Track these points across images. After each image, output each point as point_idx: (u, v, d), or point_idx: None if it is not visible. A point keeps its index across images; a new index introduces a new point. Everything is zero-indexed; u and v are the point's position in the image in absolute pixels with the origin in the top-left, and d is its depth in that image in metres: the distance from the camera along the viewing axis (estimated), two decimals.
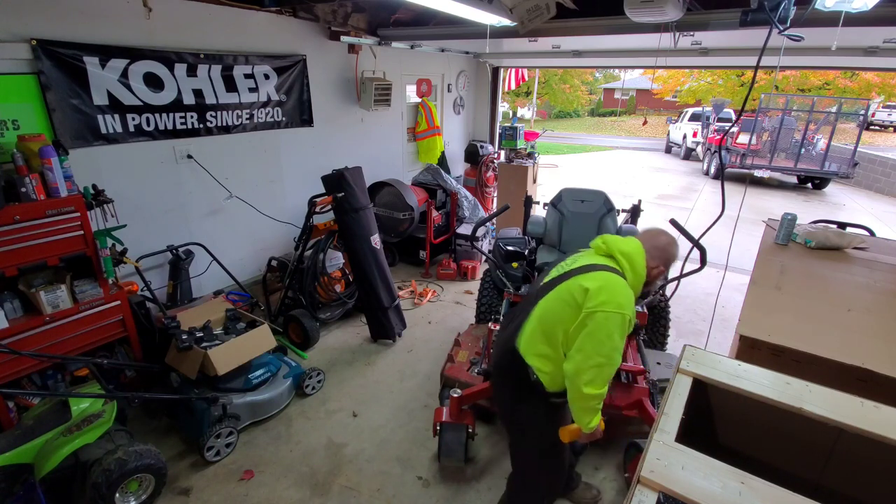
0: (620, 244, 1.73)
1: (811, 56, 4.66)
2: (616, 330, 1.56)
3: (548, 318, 1.72)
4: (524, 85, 18.53)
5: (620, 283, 1.62)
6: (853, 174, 10.62)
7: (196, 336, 2.86)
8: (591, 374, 1.57)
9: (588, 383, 1.58)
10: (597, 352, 1.56)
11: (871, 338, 1.93)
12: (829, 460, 1.42)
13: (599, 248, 1.76)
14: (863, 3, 2.24)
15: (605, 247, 1.74)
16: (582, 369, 1.58)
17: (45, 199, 2.51)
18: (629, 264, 1.68)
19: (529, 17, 3.28)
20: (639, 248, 1.72)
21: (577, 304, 1.62)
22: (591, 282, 1.61)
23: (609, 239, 1.76)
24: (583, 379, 1.58)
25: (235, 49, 3.95)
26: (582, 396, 1.60)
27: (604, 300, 1.56)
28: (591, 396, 1.60)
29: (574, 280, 1.67)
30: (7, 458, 2.15)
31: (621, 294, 1.58)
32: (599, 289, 1.58)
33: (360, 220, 3.89)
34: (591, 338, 1.57)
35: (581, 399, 1.61)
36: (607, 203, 3.71)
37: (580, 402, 1.62)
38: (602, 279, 1.61)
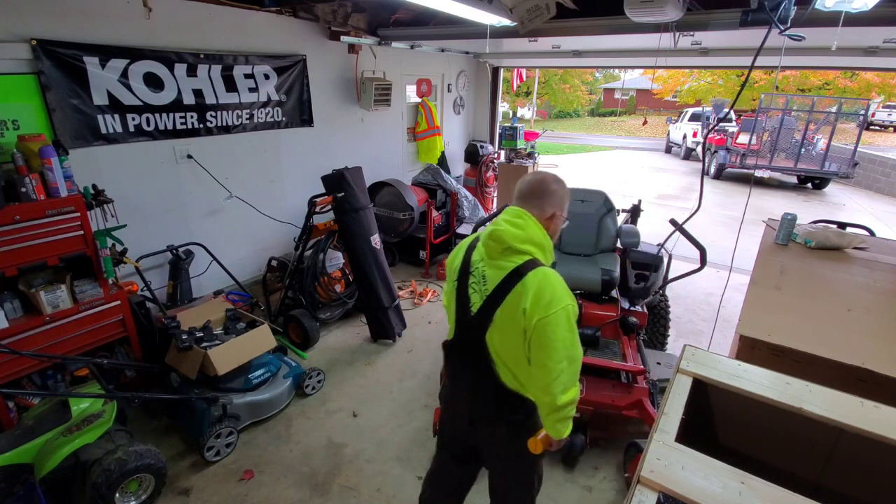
0: (507, 230, 1.50)
1: (811, 56, 4.66)
2: (563, 327, 1.43)
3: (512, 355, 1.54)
4: (524, 85, 18.56)
5: (541, 276, 1.44)
6: (853, 174, 10.62)
7: (196, 336, 2.86)
8: (561, 381, 1.45)
9: (562, 392, 1.46)
10: (557, 359, 1.43)
11: (871, 338, 1.93)
12: (829, 460, 1.42)
13: (493, 249, 1.52)
14: (863, 3, 2.23)
15: (497, 245, 1.51)
16: (550, 382, 1.45)
17: (45, 199, 2.51)
18: (529, 240, 1.50)
19: (529, 17, 3.28)
20: (523, 216, 1.53)
21: (523, 329, 1.46)
22: (523, 300, 1.44)
23: (494, 235, 1.52)
24: (555, 390, 1.45)
25: (235, 49, 3.95)
26: (558, 408, 1.47)
27: (541, 308, 1.41)
28: (567, 404, 1.48)
29: (506, 308, 1.48)
30: (7, 458, 2.15)
31: (549, 286, 1.43)
32: (532, 301, 1.42)
33: (360, 220, 3.89)
34: (545, 349, 1.43)
35: (557, 411, 1.48)
36: (607, 203, 3.73)
37: (557, 413, 1.49)
38: (529, 288, 1.43)
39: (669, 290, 4.31)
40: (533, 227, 1.52)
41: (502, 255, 1.51)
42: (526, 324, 1.44)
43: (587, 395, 2.75)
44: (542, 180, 1.59)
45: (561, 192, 1.59)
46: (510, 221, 1.53)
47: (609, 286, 3.27)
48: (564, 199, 1.61)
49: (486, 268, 1.54)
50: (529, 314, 1.43)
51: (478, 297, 1.55)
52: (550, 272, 1.47)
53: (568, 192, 1.63)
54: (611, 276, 3.25)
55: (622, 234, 3.59)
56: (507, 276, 1.48)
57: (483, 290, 1.54)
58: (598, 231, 3.66)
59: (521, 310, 1.44)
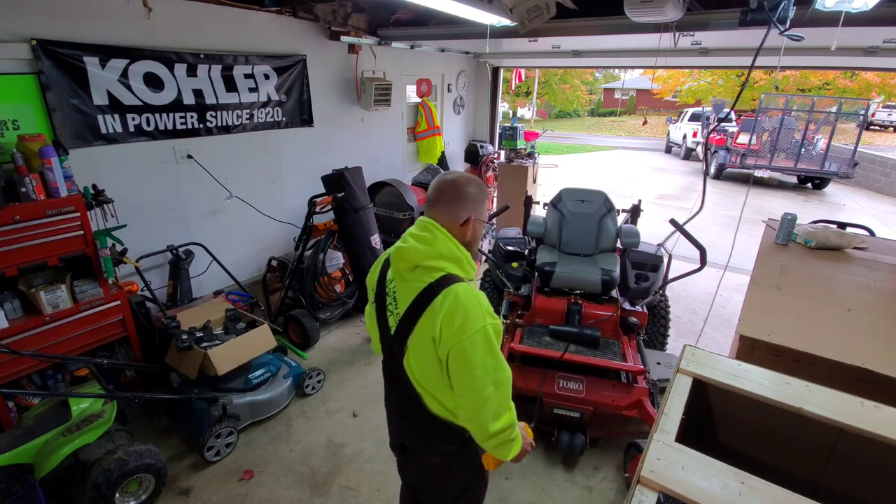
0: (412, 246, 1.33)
1: (811, 56, 4.66)
2: (481, 351, 1.25)
3: (433, 383, 1.38)
4: (524, 85, 18.56)
5: (451, 298, 1.27)
6: (853, 174, 10.63)
7: (196, 336, 2.86)
8: (490, 408, 1.29)
9: (493, 420, 1.30)
10: (480, 387, 1.26)
11: (871, 338, 1.93)
12: (829, 460, 1.42)
13: (401, 268, 1.37)
14: (863, 3, 2.23)
15: (405, 263, 1.35)
16: (476, 412, 1.29)
17: (45, 199, 2.51)
18: (439, 256, 1.32)
19: (529, 17, 3.28)
20: (431, 227, 1.36)
21: (438, 359, 1.31)
22: (433, 328, 1.28)
23: (399, 253, 1.37)
24: (484, 419, 1.29)
25: (235, 49, 3.95)
26: (492, 435, 1.31)
27: (453, 334, 1.24)
28: (501, 430, 1.32)
29: (418, 335, 1.32)
30: (7, 458, 2.15)
31: (460, 308, 1.25)
32: (442, 326, 1.26)
33: (360, 220, 3.89)
34: (466, 378, 1.27)
35: (492, 438, 1.32)
36: (607, 203, 3.73)
37: (493, 441, 1.33)
38: (438, 315, 1.27)
39: (669, 289, 4.31)
40: (442, 240, 1.34)
41: (412, 273, 1.34)
42: (440, 352, 1.28)
43: (587, 394, 2.75)
44: (452, 182, 1.40)
45: (475, 194, 1.40)
46: (416, 236, 1.36)
47: (609, 286, 3.27)
48: (480, 202, 1.42)
49: (398, 288, 1.39)
50: (441, 342, 1.27)
51: (393, 321, 1.40)
52: (463, 290, 1.29)
53: (485, 192, 1.45)
54: (611, 276, 3.25)
55: (622, 234, 3.59)
56: (416, 297, 1.32)
57: (396, 314, 1.38)
58: (598, 231, 3.66)
59: (430, 338, 1.29)
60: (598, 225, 3.67)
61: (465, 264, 1.37)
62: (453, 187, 1.39)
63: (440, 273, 1.32)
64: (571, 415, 2.75)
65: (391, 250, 1.44)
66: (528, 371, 2.91)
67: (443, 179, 1.43)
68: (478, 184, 1.43)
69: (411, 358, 1.37)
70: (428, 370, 1.36)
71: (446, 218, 1.37)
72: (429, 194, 1.43)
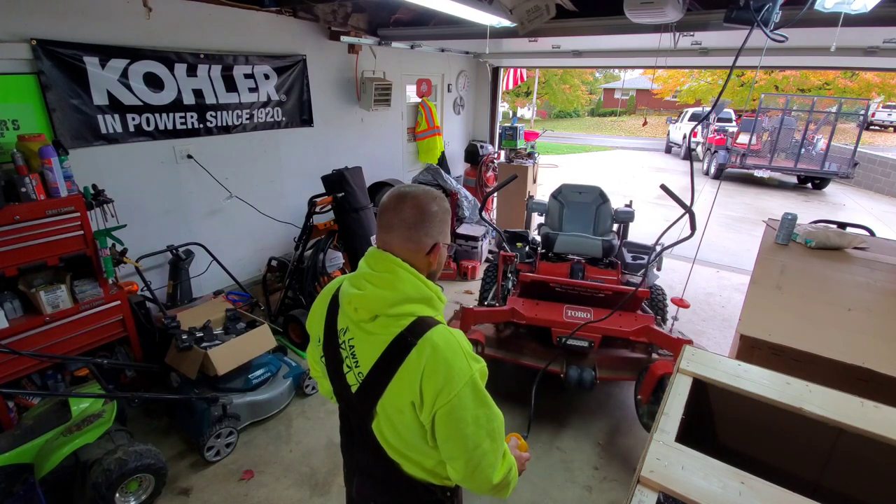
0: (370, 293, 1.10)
1: (811, 56, 4.66)
2: (471, 405, 1.07)
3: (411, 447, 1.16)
4: (524, 85, 18.56)
5: (428, 352, 1.05)
6: (853, 174, 10.63)
7: (196, 336, 2.86)
8: (487, 463, 1.11)
9: (492, 474, 1.13)
10: (473, 445, 1.08)
11: (871, 337, 1.93)
12: (829, 460, 1.42)
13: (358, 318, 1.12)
14: (862, 4, 2.24)
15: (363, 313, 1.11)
16: (473, 469, 1.11)
17: (45, 199, 2.51)
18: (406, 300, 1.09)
19: (529, 17, 3.28)
20: (391, 266, 1.11)
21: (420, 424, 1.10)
22: (410, 392, 1.06)
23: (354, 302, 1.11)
24: (484, 475, 1.12)
25: (235, 49, 3.95)
26: (493, 488, 1.16)
27: (436, 395, 1.04)
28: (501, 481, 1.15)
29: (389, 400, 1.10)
30: (7, 458, 2.15)
31: (441, 361, 1.04)
32: (424, 389, 1.05)
33: (360, 220, 3.89)
34: (455, 440, 1.08)
35: (496, 489, 1.16)
36: (602, 196, 4.10)
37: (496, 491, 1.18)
38: (414, 377, 1.05)
39: (669, 290, 4.32)
40: (407, 279, 1.10)
41: (372, 324, 1.10)
42: (422, 418, 1.08)
43: (594, 321, 2.88)
44: (411, 201, 1.12)
45: (440, 212, 1.16)
46: (373, 277, 1.11)
47: (609, 251, 3.63)
48: (445, 222, 1.18)
49: (355, 340, 1.14)
50: (423, 407, 1.07)
51: (353, 378, 1.15)
52: (440, 337, 1.07)
53: (448, 209, 1.21)
54: (610, 243, 3.63)
55: (618, 212, 4.01)
56: (384, 353, 1.08)
57: (357, 372, 1.13)
58: (596, 217, 4.05)
59: (409, 403, 1.08)
60: (595, 213, 4.06)
61: (436, 300, 1.14)
62: (414, 207, 1.11)
63: (409, 318, 1.08)
64: (580, 344, 2.83)
65: (338, 291, 1.20)
66: (536, 304, 3.14)
67: (397, 196, 1.13)
68: (440, 199, 1.17)
69: (383, 424, 1.14)
70: (406, 435, 1.13)
71: (408, 246, 1.12)
72: (380, 217, 1.15)
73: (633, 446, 2.90)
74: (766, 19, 2.15)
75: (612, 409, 3.24)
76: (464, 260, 5.36)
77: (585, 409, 3.21)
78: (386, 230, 1.14)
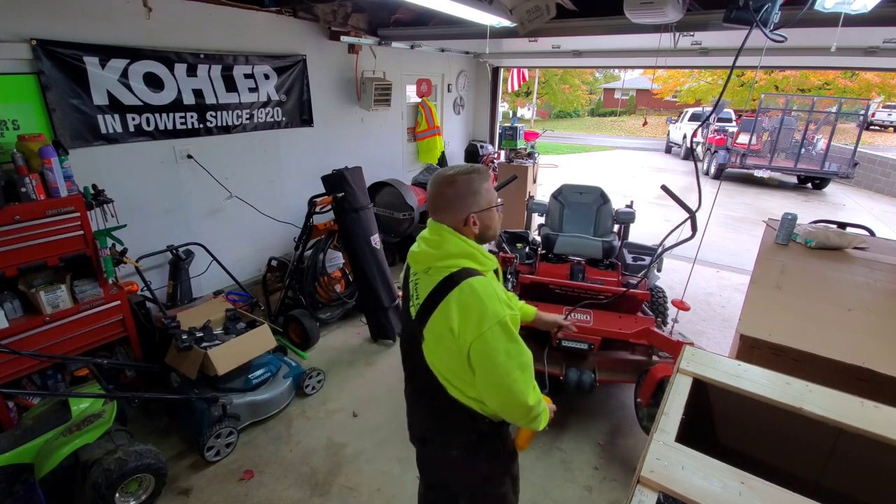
0: (423, 251, 1.40)
1: (811, 56, 4.66)
2: (502, 341, 1.29)
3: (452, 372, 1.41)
4: (524, 85, 18.57)
5: (466, 291, 1.30)
6: (853, 174, 10.62)
7: (196, 336, 2.86)
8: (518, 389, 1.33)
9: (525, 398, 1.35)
10: (505, 373, 1.30)
11: (871, 337, 1.93)
12: (829, 460, 1.42)
13: (418, 266, 1.43)
14: (862, 4, 2.24)
15: (419, 265, 1.42)
16: (507, 395, 1.33)
17: (45, 199, 2.51)
18: (450, 256, 1.36)
19: (529, 17, 3.28)
20: (439, 231, 1.39)
21: (458, 350, 1.33)
22: (449, 320, 1.31)
23: (413, 256, 1.44)
24: (517, 400, 1.34)
25: (235, 49, 3.95)
26: (527, 412, 1.37)
27: (472, 328, 1.28)
28: (536, 403, 1.37)
29: (433, 326, 1.36)
30: (7, 458, 2.15)
31: (476, 301, 1.28)
32: (459, 320, 1.29)
33: (360, 220, 3.89)
34: (491, 369, 1.31)
35: (527, 415, 1.38)
36: (603, 196, 4.08)
37: (528, 417, 1.39)
38: (453, 307, 1.30)
39: (669, 290, 4.32)
40: (451, 240, 1.37)
41: (427, 274, 1.39)
42: (459, 346, 1.32)
43: (595, 324, 2.89)
44: (440, 185, 1.40)
45: (466, 190, 1.37)
46: (427, 240, 1.41)
47: (609, 252, 3.62)
48: (475, 194, 1.39)
49: (419, 281, 1.43)
50: (459, 336, 1.30)
51: (413, 309, 1.44)
52: (479, 283, 1.31)
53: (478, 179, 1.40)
54: (610, 244, 3.62)
55: (619, 213, 3.97)
56: (433, 290, 1.35)
57: (416, 303, 1.42)
58: (596, 218, 4.03)
59: (448, 330, 1.31)
60: (595, 213, 4.04)
61: (480, 257, 1.39)
62: (442, 191, 1.39)
63: (455, 268, 1.35)
64: (579, 346, 2.82)
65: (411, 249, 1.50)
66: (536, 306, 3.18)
67: (432, 183, 1.43)
68: (466, 178, 1.38)
69: (429, 347, 1.40)
70: (446, 359, 1.39)
71: (448, 220, 1.40)
72: (427, 200, 1.46)
73: (633, 447, 2.90)
74: (766, 19, 2.15)
75: (612, 409, 3.24)
76: None
77: (586, 410, 3.21)
78: (432, 211, 1.44)
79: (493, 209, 1.43)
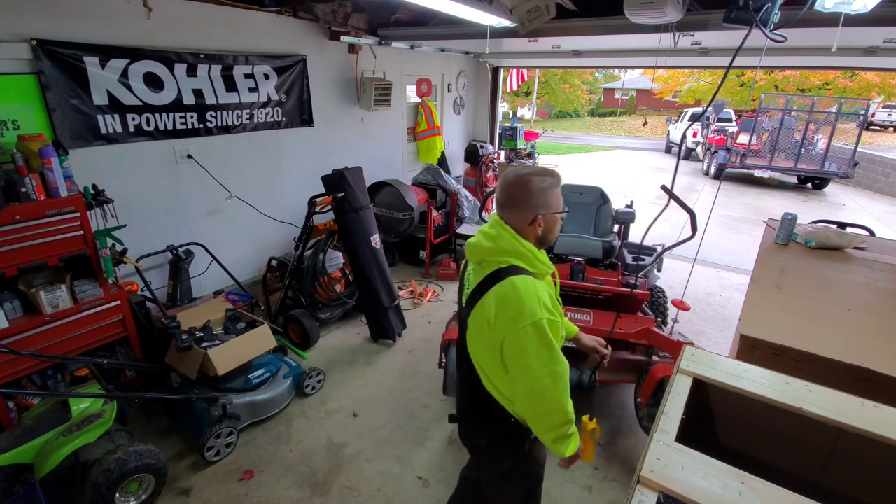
0: (479, 242, 1.45)
1: (811, 56, 4.66)
2: (534, 343, 1.31)
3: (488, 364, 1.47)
4: (524, 85, 18.58)
5: (508, 287, 1.34)
6: (853, 174, 10.62)
7: (196, 336, 2.86)
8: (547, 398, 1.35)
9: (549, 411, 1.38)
10: (535, 377, 1.33)
11: (871, 337, 1.93)
12: (829, 460, 1.42)
13: (472, 260, 1.50)
14: (862, 4, 2.24)
15: (473, 256, 1.47)
16: (533, 399, 1.36)
17: (45, 199, 2.51)
18: (501, 252, 1.41)
19: (529, 17, 3.28)
20: (497, 226, 1.43)
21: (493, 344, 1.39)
22: (487, 311, 1.36)
23: (469, 247, 1.49)
24: (540, 408, 1.38)
25: (235, 49, 3.95)
26: (549, 428, 1.40)
27: (504, 323, 1.32)
28: (559, 424, 1.40)
29: (475, 317, 1.42)
30: (7, 458, 2.15)
31: (516, 298, 1.31)
32: (496, 313, 1.34)
33: (360, 220, 3.89)
34: (521, 367, 1.34)
35: (549, 431, 1.40)
36: (603, 196, 4.10)
37: (550, 434, 1.41)
38: (492, 299, 1.36)
39: (669, 290, 4.32)
40: (506, 238, 1.40)
41: (479, 265, 1.45)
42: (493, 340, 1.36)
43: (595, 324, 2.91)
44: (512, 184, 1.43)
45: (535, 193, 1.40)
46: (485, 233, 1.45)
47: (609, 252, 3.62)
48: (545, 197, 1.41)
49: (473, 270, 1.50)
50: (495, 328, 1.34)
51: (464, 298, 1.53)
52: (521, 282, 1.33)
53: (550, 184, 1.43)
54: (610, 244, 3.63)
55: (619, 213, 3.97)
56: (480, 282, 1.41)
57: (467, 291, 1.50)
58: (596, 218, 4.04)
59: (485, 321, 1.37)
60: (595, 213, 4.05)
61: (531, 259, 1.41)
62: (514, 190, 1.42)
63: (505, 264, 1.39)
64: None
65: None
66: None
67: (505, 180, 1.45)
68: (539, 180, 1.41)
69: (471, 336, 1.48)
70: (484, 352, 1.44)
71: (512, 220, 1.43)
72: (496, 195, 1.49)
73: (633, 446, 2.90)
74: (766, 19, 2.15)
75: (612, 409, 3.24)
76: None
77: (586, 410, 3.21)
78: (500, 207, 1.47)
79: (557, 216, 1.46)
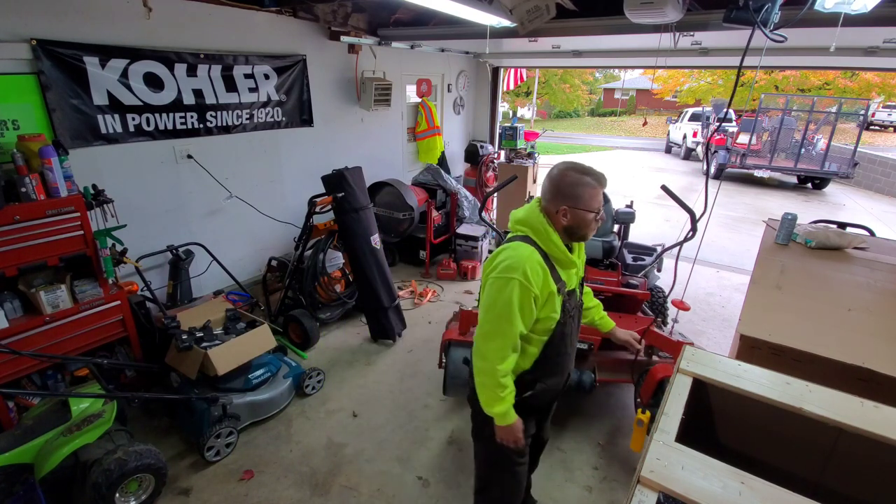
0: (516, 214, 1.67)
1: (811, 56, 4.66)
2: (500, 294, 1.47)
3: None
4: (524, 85, 18.57)
5: (513, 250, 1.52)
6: (853, 174, 10.62)
7: (196, 336, 2.86)
8: (480, 342, 1.54)
9: (477, 353, 1.55)
10: (485, 319, 1.52)
11: (871, 337, 1.93)
12: (829, 460, 1.42)
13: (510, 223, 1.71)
14: (862, 4, 2.24)
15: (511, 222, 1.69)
16: (476, 337, 1.57)
17: (45, 199, 2.51)
18: (523, 222, 1.61)
19: (529, 17, 3.28)
20: (530, 207, 1.63)
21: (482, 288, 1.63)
22: (490, 261, 1.58)
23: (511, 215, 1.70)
24: (476, 349, 1.56)
25: (235, 49, 3.95)
26: (477, 371, 1.57)
27: (491, 268, 1.54)
28: (479, 369, 1.56)
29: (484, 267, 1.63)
30: (7, 458, 2.15)
31: (512, 256, 1.49)
32: (488, 262, 1.58)
33: (360, 220, 3.89)
34: (481, 310, 1.55)
35: (477, 374, 1.58)
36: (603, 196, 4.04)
37: (477, 378, 1.59)
38: (496, 253, 1.57)
39: (669, 290, 4.32)
40: (533, 213, 1.59)
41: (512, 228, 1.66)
42: (483, 285, 1.60)
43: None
44: (550, 173, 1.63)
45: (566, 185, 1.55)
46: (524, 207, 1.66)
47: (609, 252, 3.66)
48: (572, 192, 1.54)
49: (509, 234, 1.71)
50: (485, 275, 1.58)
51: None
52: (521, 247, 1.53)
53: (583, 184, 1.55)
54: (611, 244, 3.67)
55: (619, 213, 3.97)
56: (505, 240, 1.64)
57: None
58: None
59: (486, 270, 1.59)
60: None
61: (542, 232, 1.56)
62: (552, 177, 1.60)
63: (521, 232, 1.60)
64: (579, 346, 2.83)
65: None
66: None
67: (553, 168, 1.64)
68: (576, 176, 1.55)
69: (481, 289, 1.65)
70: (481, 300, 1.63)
71: (547, 204, 1.61)
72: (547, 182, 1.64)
73: None
74: (766, 19, 2.15)
75: (612, 409, 3.24)
76: (464, 260, 5.36)
77: (586, 410, 3.21)
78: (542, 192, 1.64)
79: (587, 213, 1.56)
